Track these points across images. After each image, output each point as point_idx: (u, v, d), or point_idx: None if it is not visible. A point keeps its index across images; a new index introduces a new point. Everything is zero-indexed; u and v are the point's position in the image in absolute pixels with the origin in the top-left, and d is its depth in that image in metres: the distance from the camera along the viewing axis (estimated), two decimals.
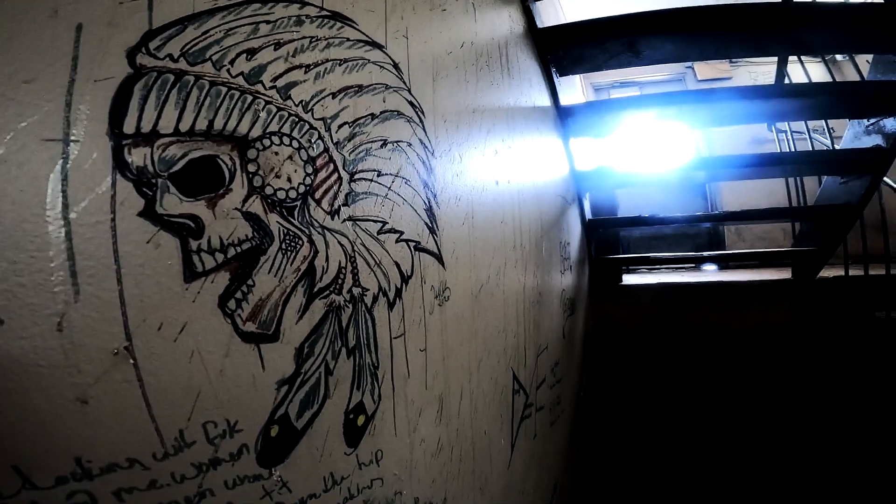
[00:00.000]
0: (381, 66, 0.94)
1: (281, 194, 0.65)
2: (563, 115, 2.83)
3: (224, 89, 0.58)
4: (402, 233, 0.93)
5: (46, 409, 0.44)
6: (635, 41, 2.70)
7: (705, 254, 3.42)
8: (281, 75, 0.68)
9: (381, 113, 0.91)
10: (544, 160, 2.34)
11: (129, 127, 0.49)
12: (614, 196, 3.69)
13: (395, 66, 0.99)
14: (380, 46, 0.95)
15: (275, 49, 0.68)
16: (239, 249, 0.59)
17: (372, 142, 0.86)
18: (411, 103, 1.03)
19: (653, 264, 3.81)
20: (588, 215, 3.28)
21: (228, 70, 0.60)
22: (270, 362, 0.66)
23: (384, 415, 0.92)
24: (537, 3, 2.54)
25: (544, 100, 2.55)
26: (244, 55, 0.62)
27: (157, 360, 0.51)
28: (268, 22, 0.68)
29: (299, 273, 0.69)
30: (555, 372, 2.37)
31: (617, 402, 3.78)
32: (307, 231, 0.70)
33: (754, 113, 2.92)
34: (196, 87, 0.55)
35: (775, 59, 3.44)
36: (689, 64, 5.54)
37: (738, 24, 2.53)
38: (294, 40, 0.72)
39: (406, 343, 0.98)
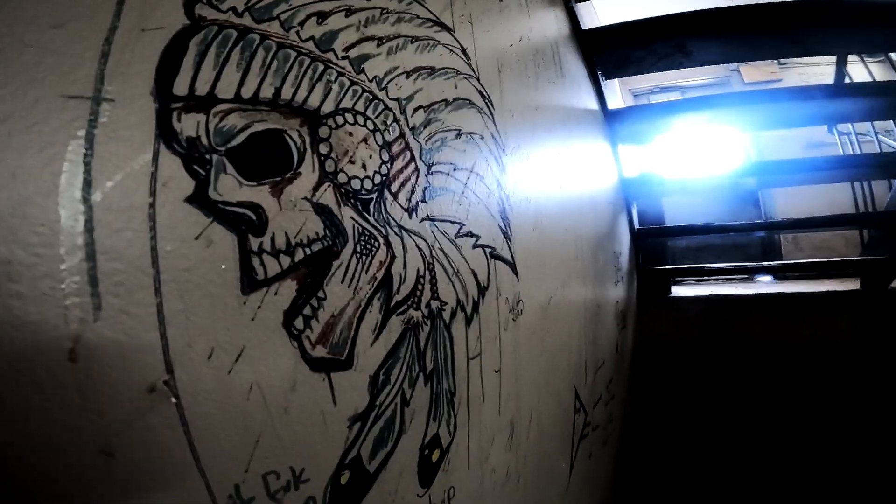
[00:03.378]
0: (450, 50, 0.82)
1: (356, 184, 0.52)
2: (610, 120, 2.70)
3: (293, 53, 0.47)
4: (478, 237, 0.80)
5: (59, 468, 0.31)
6: (685, 42, 2.58)
7: (765, 264, 3.21)
8: (353, 45, 0.56)
9: (454, 100, 0.79)
10: (596, 166, 2.21)
11: (180, 88, 0.37)
12: (661, 204, 3.51)
13: (464, 51, 0.88)
14: (448, 29, 0.84)
15: (346, 16, 0.56)
16: (308, 251, 0.47)
17: (447, 130, 0.73)
18: (481, 93, 0.91)
19: (706, 275, 3.61)
20: (636, 224, 3.12)
21: (298, 32, 0.48)
22: (342, 395, 0.53)
23: (458, 446, 0.79)
24: (579, 4, 2.43)
25: (592, 103, 2.43)
26: (315, 18, 0.51)
27: (207, 398, 0.39)
28: None
29: (375, 283, 0.56)
30: (609, 389, 2.25)
31: (663, 419, 3.56)
32: (384, 230, 0.57)
33: (816, 114, 2.74)
34: (262, 48, 0.44)
35: (826, 59, 3.24)
36: (734, 67, 5.31)
37: (798, 22, 2.38)
38: (365, 9, 0.60)
39: (482, 364, 0.85)
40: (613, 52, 2.62)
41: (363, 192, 0.53)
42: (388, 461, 0.61)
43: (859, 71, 3.37)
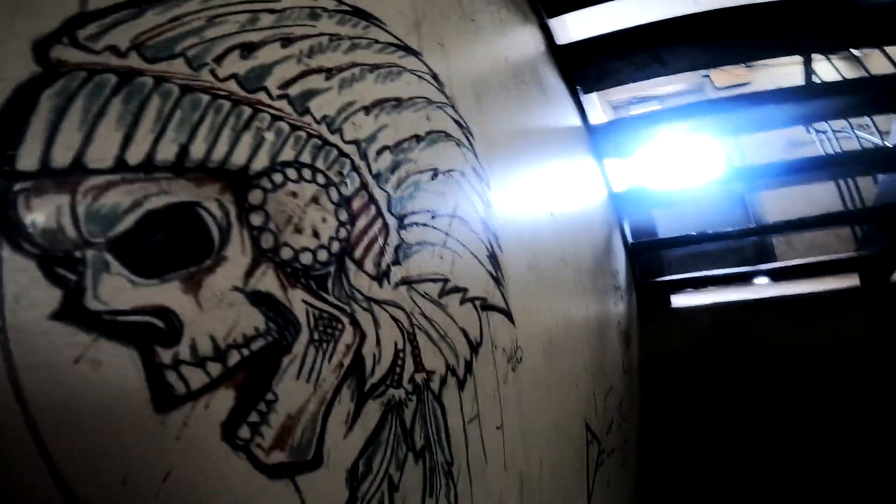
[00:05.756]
0: (419, 76, 0.73)
1: (305, 258, 0.42)
2: (593, 135, 2.64)
3: (205, 98, 0.36)
4: (466, 290, 0.70)
5: None
6: (661, 51, 2.56)
7: (764, 268, 3.14)
8: (294, 80, 0.46)
9: (428, 134, 0.68)
10: (586, 185, 2.13)
11: (27, 161, 0.27)
12: (652, 217, 3.45)
13: (435, 77, 0.78)
14: (415, 53, 0.74)
15: (283, 46, 0.46)
16: (246, 352, 0.36)
17: (421, 172, 0.63)
18: (458, 123, 0.81)
19: (704, 284, 3.55)
20: (629, 238, 3.05)
21: (213, 71, 0.38)
22: (314, 495, 0.42)
23: None
24: (552, 20, 2.40)
25: (575, 120, 2.36)
26: (237, 52, 0.41)
27: None
28: (272, 11, 0.46)
29: (342, 369, 0.45)
30: (621, 411, 2.16)
31: (678, 431, 3.45)
32: (349, 308, 0.46)
33: (791, 116, 2.71)
34: (158, 95, 0.33)
35: (792, 59, 3.25)
36: (705, 73, 5.33)
37: (765, 24, 2.37)
38: (309, 36, 0.50)
39: (481, 425, 0.75)
40: (591, 65, 2.58)
41: (317, 267, 0.42)
42: None
43: (825, 68, 3.39)
